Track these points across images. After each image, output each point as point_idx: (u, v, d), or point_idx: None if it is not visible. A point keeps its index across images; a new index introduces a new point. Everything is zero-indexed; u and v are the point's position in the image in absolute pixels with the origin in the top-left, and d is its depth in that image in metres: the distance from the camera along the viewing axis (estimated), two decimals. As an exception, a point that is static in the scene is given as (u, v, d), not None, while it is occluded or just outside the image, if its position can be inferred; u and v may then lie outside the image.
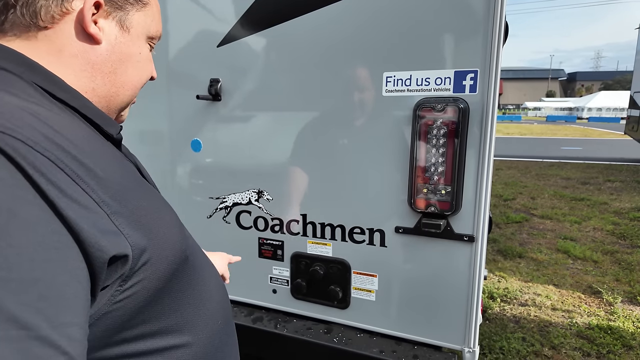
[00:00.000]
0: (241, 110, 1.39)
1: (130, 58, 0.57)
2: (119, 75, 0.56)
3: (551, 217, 5.10)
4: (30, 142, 0.37)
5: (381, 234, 1.27)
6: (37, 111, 0.42)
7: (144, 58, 0.60)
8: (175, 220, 0.57)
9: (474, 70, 1.08)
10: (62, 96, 0.49)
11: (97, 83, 0.54)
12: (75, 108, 0.50)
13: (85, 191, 0.40)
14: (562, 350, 2.38)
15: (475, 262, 1.17)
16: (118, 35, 0.55)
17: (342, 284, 1.35)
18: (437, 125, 1.12)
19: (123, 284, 0.45)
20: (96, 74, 0.53)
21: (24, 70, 0.47)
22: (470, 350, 1.22)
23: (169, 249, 0.51)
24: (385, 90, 1.18)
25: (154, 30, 0.61)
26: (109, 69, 0.54)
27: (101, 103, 0.55)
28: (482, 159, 1.11)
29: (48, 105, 0.46)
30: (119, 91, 0.57)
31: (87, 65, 0.52)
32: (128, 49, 0.56)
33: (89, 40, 0.52)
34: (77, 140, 0.43)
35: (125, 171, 0.51)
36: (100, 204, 0.41)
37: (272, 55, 1.31)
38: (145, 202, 0.50)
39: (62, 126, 0.43)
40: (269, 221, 1.43)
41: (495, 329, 2.60)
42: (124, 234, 0.43)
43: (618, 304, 2.93)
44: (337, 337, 1.33)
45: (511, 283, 3.29)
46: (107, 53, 0.54)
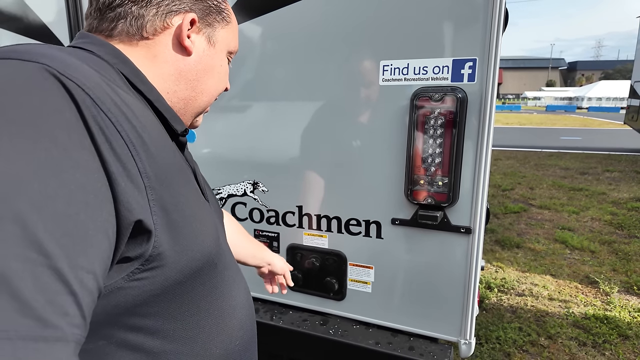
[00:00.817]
0: (236, 100, 1.36)
1: (212, 69, 0.63)
2: (200, 83, 0.62)
3: (549, 207, 5.10)
4: (99, 100, 0.41)
5: (377, 226, 1.26)
6: (113, 88, 0.47)
7: (223, 70, 0.66)
8: (208, 228, 0.57)
9: (472, 59, 1.06)
10: (142, 88, 0.54)
11: (180, 87, 0.60)
12: (150, 100, 0.55)
13: (134, 157, 0.42)
14: (558, 340, 2.39)
15: (472, 254, 1.16)
16: (205, 48, 0.61)
17: (338, 276, 1.34)
18: (435, 115, 1.10)
19: (145, 264, 0.45)
20: (181, 80, 0.60)
21: (116, 62, 0.53)
22: (466, 341, 1.21)
23: (196, 245, 0.52)
24: (382, 79, 1.15)
25: (233, 45, 0.68)
26: (194, 76, 0.61)
27: (179, 104, 0.61)
28: (480, 150, 1.09)
29: (126, 90, 0.51)
30: (198, 96, 0.63)
31: (175, 72, 0.59)
32: (212, 61, 0.63)
33: (182, 51, 0.59)
34: (141, 118, 0.47)
35: (178, 166, 0.53)
36: (142, 174, 0.43)
37: (266, 44, 1.28)
38: (185, 198, 0.51)
39: (132, 105, 0.47)
40: (265, 213, 1.41)
41: (492, 319, 2.61)
42: (151, 210, 0.44)
43: (614, 293, 2.94)
44: (333, 328, 1.32)
45: (509, 273, 3.30)
46: (194, 63, 0.60)
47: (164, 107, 0.57)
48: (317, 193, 1.32)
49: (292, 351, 1.40)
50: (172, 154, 0.52)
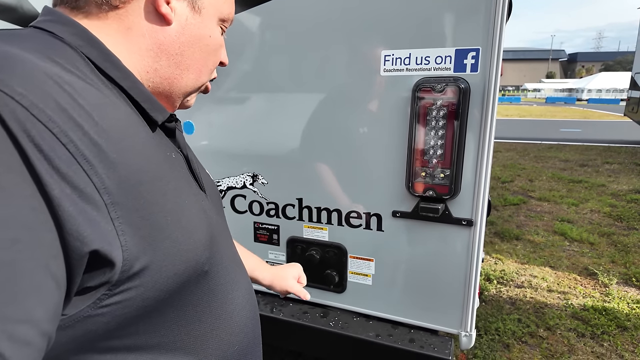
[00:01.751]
0: (234, 91, 1.34)
1: (200, 41, 0.54)
2: (185, 57, 0.53)
3: (549, 199, 5.10)
4: (36, 109, 0.34)
5: (378, 218, 1.25)
6: (71, 82, 0.40)
7: (214, 41, 0.56)
8: (200, 227, 0.51)
9: (475, 49, 1.04)
10: (113, 74, 0.47)
11: (162, 64, 0.52)
12: (123, 88, 0.48)
13: (86, 172, 0.36)
14: (557, 331, 2.40)
15: (473, 246, 1.15)
16: (189, 16, 0.52)
17: (339, 268, 1.34)
18: (437, 106, 1.08)
19: (113, 289, 0.40)
20: (162, 55, 0.52)
21: (82, 44, 0.46)
22: (467, 334, 1.21)
23: (178, 257, 0.46)
24: (383, 70, 1.14)
25: (226, 12, 0.57)
26: (176, 50, 0.52)
27: (163, 85, 0.53)
28: (482, 142, 1.08)
29: (93, 80, 0.44)
30: (183, 74, 0.54)
31: (154, 46, 0.51)
32: (198, 31, 0.54)
33: (160, 21, 0.50)
34: (104, 118, 0.40)
35: (159, 161, 0.47)
36: (100, 190, 0.37)
37: (265, 33, 1.26)
38: (164, 197, 0.45)
39: (95, 102, 0.40)
40: (264, 205, 1.40)
41: (492, 310, 2.62)
42: (117, 230, 0.38)
43: (613, 285, 2.95)
44: (334, 321, 1.32)
45: (508, 265, 3.30)
46: (176, 34, 0.52)
47: (141, 94, 0.50)
48: (318, 185, 1.30)
49: (292, 343, 1.40)
50: (150, 152, 0.46)
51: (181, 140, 0.60)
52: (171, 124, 0.56)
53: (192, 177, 0.57)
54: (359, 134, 1.21)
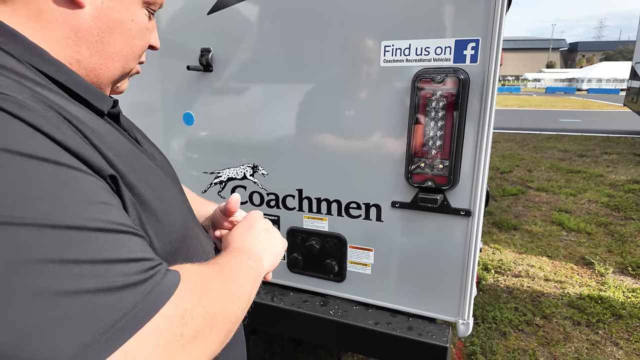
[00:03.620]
0: (234, 81, 1.34)
1: (121, 26, 0.50)
2: (106, 45, 0.50)
3: (547, 189, 5.12)
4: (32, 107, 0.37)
5: (377, 209, 1.26)
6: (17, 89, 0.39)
7: (138, 26, 0.53)
8: (174, 199, 0.56)
9: (475, 39, 1.04)
10: (45, 69, 0.44)
11: (83, 54, 0.48)
12: (60, 82, 0.45)
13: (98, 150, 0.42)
14: (553, 319, 2.44)
15: (471, 236, 1.16)
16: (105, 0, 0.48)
17: (338, 258, 1.35)
18: (436, 97, 1.09)
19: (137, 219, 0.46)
20: (81, 43, 0.48)
21: (3, 41, 0.42)
22: (464, 322, 1.23)
23: (174, 226, 0.51)
24: (383, 60, 1.14)
25: None
26: (95, 37, 0.48)
27: (89, 76, 0.50)
28: (481, 133, 1.08)
29: (31, 78, 0.42)
30: (107, 63, 0.51)
31: (71, 33, 0.47)
32: (118, 15, 0.49)
33: (70, 3, 0.45)
34: (72, 116, 0.41)
35: (127, 148, 0.49)
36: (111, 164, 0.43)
37: (265, 24, 1.25)
38: (149, 176, 0.50)
39: (53, 99, 0.41)
40: (265, 196, 1.41)
41: (489, 299, 2.66)
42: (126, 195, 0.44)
43: (609, 274, 2.99)
44: (333, 309, 1.34)
45: (505, 255, 3.33)
46: (92, 19, 0.47)
47: (80, 86, 0.47)
48: (317, 176, 1.31)
49: (293, 331, 1.42)
50: (113, 135, 0.48)
51: (125, 122, 0.60)
52: (114, 109, 0.55)
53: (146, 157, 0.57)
54: (359, 125, 1.21)
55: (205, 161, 1.46)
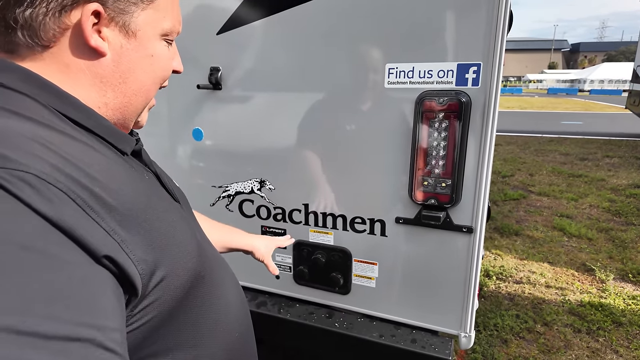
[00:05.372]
0: (242, 99, 1.38)
1: (141, 63, 0.53)
2: (129, 84, 0.53)
3: (548, 194, 5.15)
4: (41, 174, 0.37)
5: (382, 224, 1.30)
6: (48, 138, 0.42)
7: (158, 58, 0.55)
8: (188, 238, 0.56)
9: (477, 64, 1.07)
10: (75, 116, 0.48)
11: (109, 97, 0.52)
12: (88, 128, 0.49)
13: (95, 220, 0.40)
14: (554, 326, 2.47)
15: (473, 252, 1.20)
16: (124, 42, 0.50)
17: (343, 271, 1.39)
18: (439, 118, 1.12)
19: (133, 309, 0.45)
20: (106, 88, 0.51)
21: (38, 92, 0.46)
22: (466, 335, 1.27)
23: (181, 269, 0.51)
24: (387, 82, 1.17)
25: (168, 26, 0.55)
26: (118, 80, 0.52)
27: (116, 115, 0.54)
28: (482, 153, 1.12)
29: (61, 126, 0.45)
30: (132, 100, 0.54)
31: (96, 80, 0.50)
32: (137, 54, 0.52)
33: (93, 54, 0.49)
34: (88, 166, 0.43)
35: (139, 190, 0.50)
36: (110, 233, 0.41)
37: (273, 45, 1.29)
38: (159, 221, 0.50)
39: (74, 152, 0.43)
40: (272, 210, 1.45)
41: (490, 306, 2.69)
42: (132, 260, 0.43)
43: (610, 281, 3.02)
44: (339, 321, 1.38)
45: (507, 261, 3.36)
46: (114, 64, 0.50)
47: (106, 130, 0.51)
48: (323, 192, 1.35)
49: (298, 343, 1.46)
50: (131, 184, 0.48)
51: (146, 158, 0.63)
52: (136, 146, 0.58)
53: (165, 191, 0.61)
54: (364, 144, 1.25)
55: (213, 175, 1.50)
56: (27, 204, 0.36)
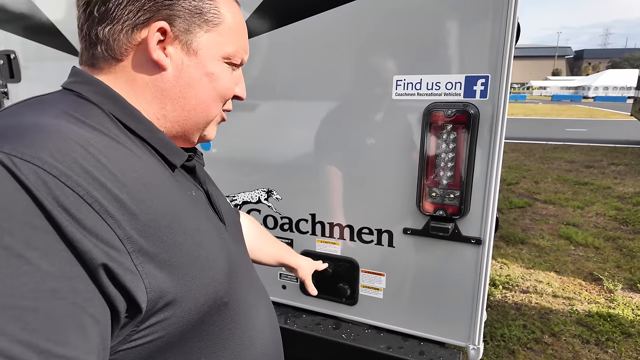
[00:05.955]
0: (249, 111, 1.39)
1: (200, 81, 0.56)
2: (188, 99, 0.56)
3: (554, 202, 5.12)
4: (64, 176, 0.39)
5: (389, 235, 1.30)
6: (96, 141, 0.44)
7: (218, 78, 0.57)
8: (217, 262, 0.55)
9: (485, 76, 1.08)
10: (133, 126, 0.51)
11: (168, 109, 0.55)
12: (143, 138, 0.52)
13: (110, 226, 0.41)
14: (562, 337, 2.44)
15: (481, 263, 1.19)
16: (185, 59, 0.54)
17: (351, 282, 1.38)
18: (447, 130, 1.12)
19: (140, 325, 0.45)
20: (166, 101, 0.55)
21: (105, 102, 0.51)
22: (474, 347, 1.26)
23: (198, 291, 0.50)
24: (395, 94, 1.18)
25: (230, 50, 0.58)
26: (177, 94, 0.55)
27: (175, 128, 0.57)
28: (490, 164, 1.12)
29: (117, 134, 0.49)
30: (191, 115, 0.57)
31: (157, 93, 0.54)
32: (197, 71, 0.55)
33: (156, 68, 0.53)
34: (123, 173, 0.44)
35: (171, 204, 0.50)
36: (123, 240, 0.42)
37: (280, 57, 1.30)
38: (184, 237, 0.49)
39: (117, 158, 0.45)
40: (278, 220, 1.45)
41: (497, 316, 2.66)
42: (141, 274, 0.43)
43: (618, 291, 2.98)
44: (346, 332, 1.37)
45: (513, 270, 3.34)
46: (174, 79, 0.54)
47: (159, 142, 0.54)
48: (330, 202, 1.35)
49: (305, 354, 1.45)
50: (170, 192, 0.50)
51: (202, 175, 0.65)
52: (190, 162, 0.60)
53: (212, 210, 0.62)
54: (371, 155, 1.25)
55: (221, 184, 1.50)
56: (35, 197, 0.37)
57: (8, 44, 1.70)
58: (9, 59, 1.72)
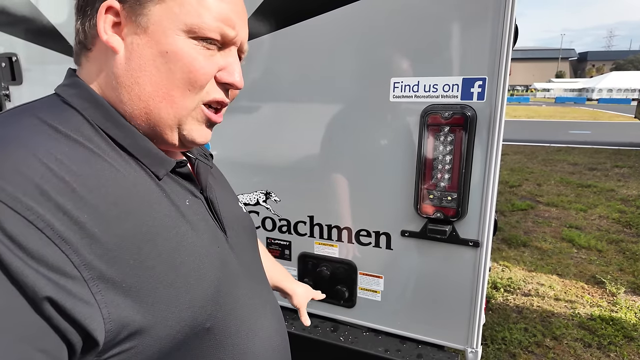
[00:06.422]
0: (248, 113, 1.39)
1: (152, 61, 0.47)
2: (142, 85, 0.47)
3: (557, 204, 5.09)
4: (12, 201, 0.36)
5: (387, 237, 1.29)
6: (67, 155, 0.41)
7: (176, 57, 0.47)
8: (200, 285, 0.49)
9: (482, 78, 1.08)
10: (113, 134, 0.47)
11: (126, 101, 0.48)
12: (124, 147, 0.47)
13: (64, 252, 0.37)
14: (564, 341, 2.42)
15: (479, 266, 1.19)
16: (135, 38, 0.47)
17: (349, 284, 1.38)
18: (444, 132, 1.12)
19: (101, 354, 0.41)
20: (122, 90, 0.47)
21: (87, 108, 0.47)
22: (472, 350, 1.25)
23: (173, 319, 0.45)
24: (392, 96, 1.18)
25: (195, 21, 0.47)
26: (130, 80, 0.47)
27: (141, 126, 0.49)
28: (488, 166, 1.11)
29: (98, 144, 0.45)
30: (150, 105, 0.48)
31: (115, 81, 0.47)
32: (148, 51, 0.47)
33: (111, 52, 0.47)
34: (93, 190, 0.41)
35: (158, 218, 0.46)
36: (79, 267, 0.38)
37: (279, 60, 1.30)
38: (160, 262, 0.45)
39: (88, 173, 0.42)
40: (277, 222, 1.45)
41: (498, 319, 2.65)
42: (98, 303, 0.39)
43: (621, 294, 2.96)
44: (344, 335, 1.37)
45: (515, 273, 3.32)
46: (125, 61, 0.47)
47: (141, 150, 0.48)
48: (328, 204, 1.35)
49: (303, 357, 1.44)
50: (149, 208, 0.46)
51: (204, 179, 0.59)
52: (183, 168, 0.54)
53: (213, 219, 0.57)
54: (369, 157, 1.25)
55: (219, 187, 1.51)
56: None
57: (10, 46, 1.72)
58: (11, 62, 1.73)
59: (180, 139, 0.52)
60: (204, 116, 0.53)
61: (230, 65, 0.52)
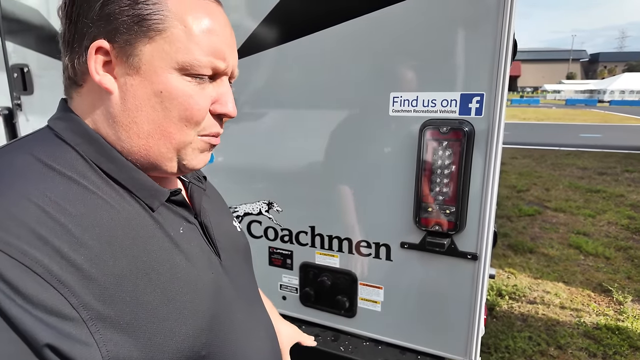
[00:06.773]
0: (252, 125, 1.42)
1: (148, 101, 0.47)
2: (140, 125, 0.48)
3: (565, 210, 5.05)
4: (8, 247, 0.37)
5: (387, 248, 1.31)
6: (62, 195, 0.42)
7: (170, 96, 0.48)
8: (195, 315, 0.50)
9: (480, 94, 1.09)
10: (107, 168, 0.48)
11: (124, 139, 0.49)
12: (118, 181, 0.48)
13: (62, 294, 0.38)
14: (568, 350, 2.41)
15: (478, 278, 1.20)
16: (128, 79, 0.47)
17: (349, 294, 1.40)
18: (442, 146, 1.14)
19: None
20: (118, 128, 0.48)
21: (81, 143, 0.48)
22: (471, 362, 1.26)
23: (170, 350, 0.46)
24: (391, 110, 1.20)
25: (187, 58, 0.47)
26: (128, 120, 0.48)
27: (140, 160, 0.50)
28: (486, 180, 1.13)
29: (93, 180, 0.46)
30: (150, 143, 0.49)
31: (111, 120, 0.48)
32: (142, 91, 0.47)
33: (105, 92, 0.48)
34: (87, 229, 0.42)
35: (152, 251, 0.47)
36: (77, 308, 0.39)
37: (281, 72, 1.33)
38: (155, 296, 0.46)
39: (82, 212, 0.43)
40: (279, 231, 1.48)
41: (502, 327, 2.64)
42: (97, 343, 0.40)
43: (628, 303, 2.93)
44: (344, 345, 1.39)
45: (520, 280, 3.30)
46: (121, 102, 0.47)
47: (135, 184, 0.49)
48: (329, 215, 1.37)
49: (304, 365, 1.46)
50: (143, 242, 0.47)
51: (198, 204, 0.60)
52: (177, 196, 0.54)
53: (207, 243, 0.58)
54: (369, 169, 1.27)
55: (223, 196, 1.53)
56: None
57: (22, 57, 1.77)
58: (23, 73, 1.78)
59: (180, 167, 0.53)
60: (204, 144, 0.54)
61: (223, 96, 0.53)
